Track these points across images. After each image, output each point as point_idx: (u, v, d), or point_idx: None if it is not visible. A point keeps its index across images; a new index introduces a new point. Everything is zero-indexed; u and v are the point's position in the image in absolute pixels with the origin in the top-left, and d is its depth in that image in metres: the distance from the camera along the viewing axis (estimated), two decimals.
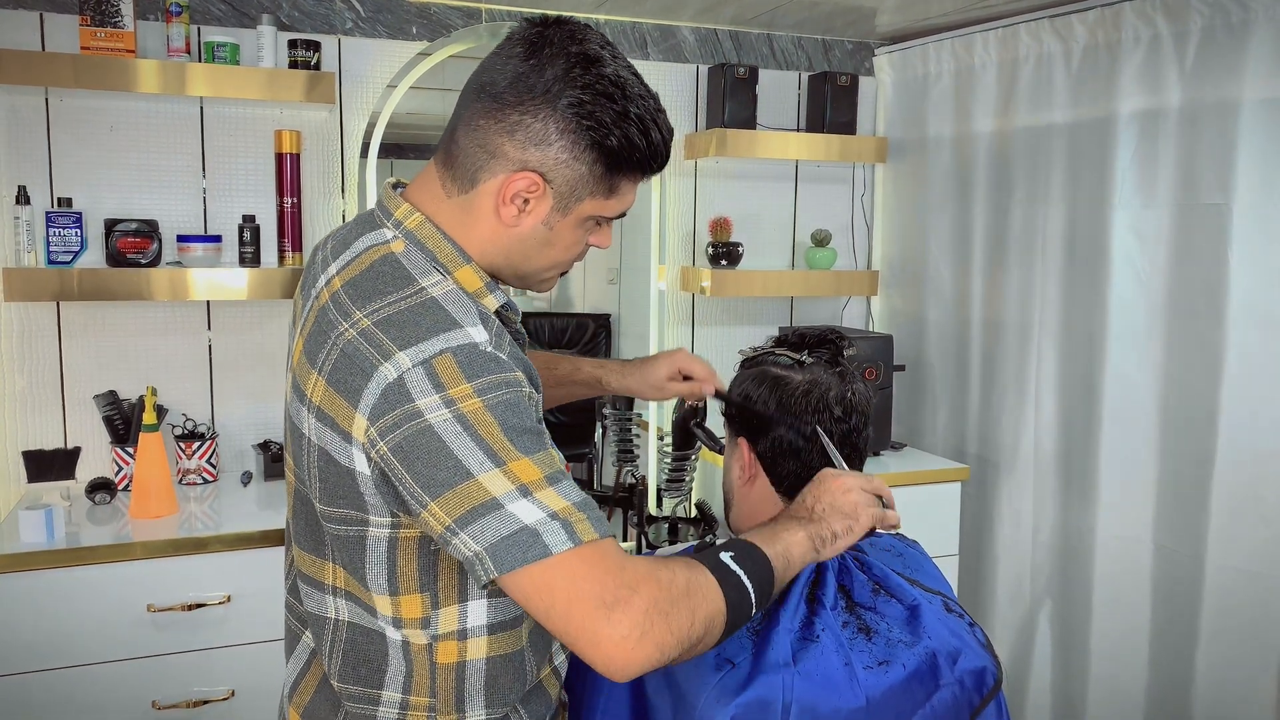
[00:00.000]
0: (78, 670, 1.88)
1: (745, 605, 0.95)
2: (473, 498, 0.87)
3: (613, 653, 0.85)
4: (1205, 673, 2.16)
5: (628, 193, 1.04)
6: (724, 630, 0.93)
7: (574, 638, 0.86)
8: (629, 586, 0.86)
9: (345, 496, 0.96)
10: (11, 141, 2.20)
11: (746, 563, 0.97)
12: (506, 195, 0.99)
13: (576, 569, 0.86)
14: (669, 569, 0.91)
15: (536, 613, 0.88)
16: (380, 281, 0.96)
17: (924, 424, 2.88)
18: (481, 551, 0.86)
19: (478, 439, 0.88)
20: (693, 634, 0.89)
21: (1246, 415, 2.07)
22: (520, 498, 0.87)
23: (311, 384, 0.95)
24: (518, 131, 0.97)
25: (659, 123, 1.00)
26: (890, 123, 2.92)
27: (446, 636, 1.00)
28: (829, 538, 1.08)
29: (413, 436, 0.88)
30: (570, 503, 0.89)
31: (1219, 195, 2.09)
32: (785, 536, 1.04)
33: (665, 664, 0.88)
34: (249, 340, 2.42)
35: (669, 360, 1.43)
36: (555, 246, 1.04)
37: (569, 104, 0.95)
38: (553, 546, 0.86)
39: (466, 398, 0.89)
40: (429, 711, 1.02)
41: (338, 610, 1.03)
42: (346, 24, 2.44)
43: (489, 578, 0.87)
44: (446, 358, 0.90)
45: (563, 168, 0.98)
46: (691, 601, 0.89)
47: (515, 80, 0.97)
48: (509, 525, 0.86)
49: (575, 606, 0.85)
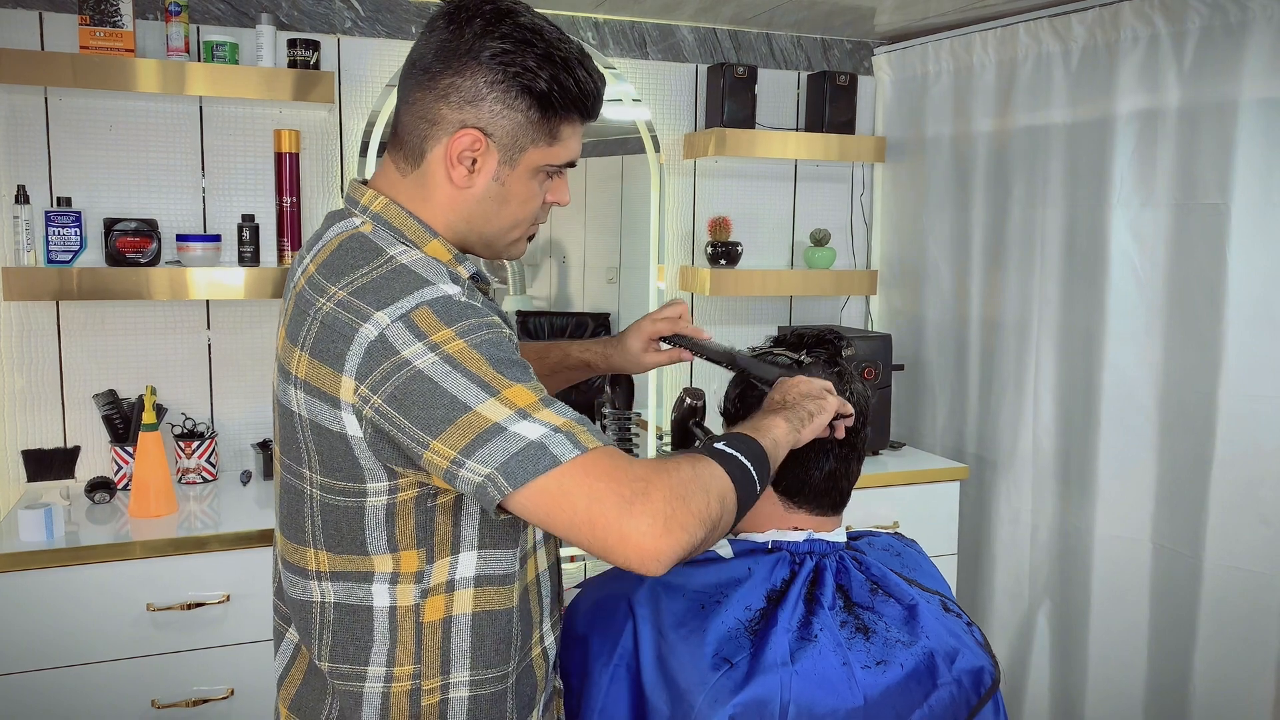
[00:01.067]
0: (77, 669, 1.88)
1: (749, 481, 0.98)
2: (474, 427, 0.89)
3: (643, 544, 0.87)
4: (1203, 671, 2.16)
5: (570, 138, 1.07)
6: (737, 507, 0.96)
7: (601, 539, 0.88)
8: (642, 479, 0.89)
9: (342, 467, 0.99)
10: (11, 141, 2.20)
11: (739, 445, 1.01)
12: (453, 156, 1.02)
13: (589, 472, 0.88)
14: (673, 461, 0.94)
15: (559, 525, 0.89)
16: (351, 257, 1.00)
17: (923, 423, 2.88)
18: (493, 472, 0.89)
19: (469, 374, 0.91)
20: (711, 512, 0.91)
21: (1245, 414, 2.07)
22: (521, 419, 0.90)
23: (295, 360, 0.98)
24: (451, 94, 1.01)
25: (584, 64, 1.04)
26: (889, 122, 2.92)
27: (435, 590, 1.03)
28: (805, 417, 1.12)
29: (404, 384, 0.91)
30: (569, 418, 0.92)
31: (1217, 195, 2.09)
32: (765, 424, 1.08)
33: (695, 548, 0.90)
34: (248, 339, 2.42)
35: (636, 331, 1.44)
36: (511, 202, 1.07)
37: (492, 55, 0.99)
38: (561, 456, 0.88)
39: (449, 340, 0.92)
40: (414, 679, 1.04)
41: (322, 593, 1.05)
42: (346, 23, 2.44)
43: (502, 496, 0.89)
44: (424, 309, 0.93)
45: (500, 119, 1.01)
46: (702, 482, 0.92)
47: (440, 48, 1.01)
48: (515, 443, 0.89)
49: (595, 507, 0.87)
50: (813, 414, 1.13)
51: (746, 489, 0.98)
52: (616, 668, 1.16)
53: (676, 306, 1.44)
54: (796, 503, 1.23)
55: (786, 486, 1.22)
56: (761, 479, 1.01)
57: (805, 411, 1.12)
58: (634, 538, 0.87)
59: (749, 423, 1.09)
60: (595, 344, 1.50)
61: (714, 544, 0.97)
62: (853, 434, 1.23)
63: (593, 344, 1.50)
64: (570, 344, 1.51)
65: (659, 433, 2.71)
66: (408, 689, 1.04)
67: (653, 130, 2.74)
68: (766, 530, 1.23)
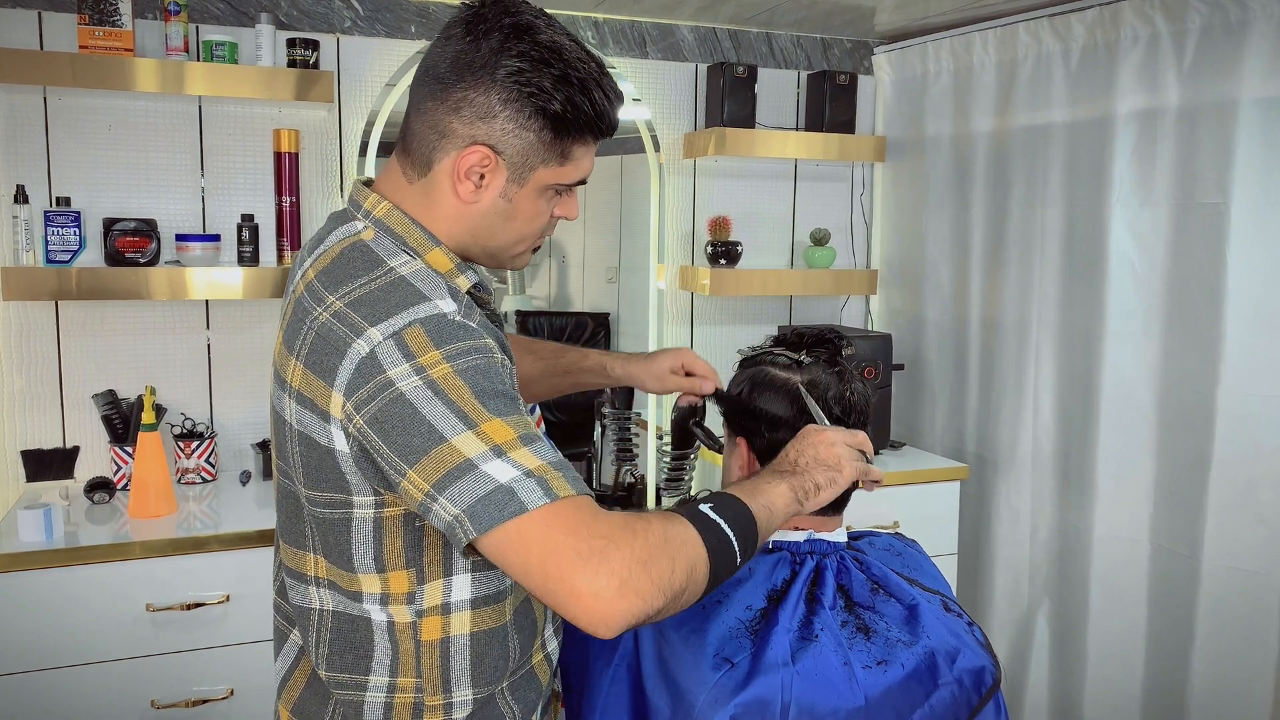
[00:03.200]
0: (77, 670, 1.88)
1: (728, 553, 0.94)
2: (447, 461, 0.87)
3: (594, 605, 0.83)
4: (1202, 671, 2.16)
5: (582, 158, 1.05)
6: (708, 580, 0.92)
7: (552, 592, 0.85)
8: (604, 537, 0.85)
9: (328, 479, 0.97)
10: (10, 140, 2.20)
11: (726, 511, 0.96)
12: (460, 171, 1.00)
13: (552, 523, 0.85)
14: (645, 521, 0.90)
15: (515, 571, 0.87)
16: (351, 266, 0.99)
17: (923, 423, 2.88)
18: (460, 514, 0.86)
19: (449, 403, 0.89)
20: (674, 583, 0.87)
21: (1244, 414, 2.07)
22: (494, 458, 0.87)
23: (290, 369, 0.97)
24: (463, 108, 0.99)
25: (602, 84, 1.01)
26: (889, 122, 2.92)
27: (431, 611, 1.01)
28: (811, 490, 1.07)
29: (386, 406, 0.89)
30: (545, 461, 0.89)
31: (1217, 194, 2.09)
32: (767, 489, 1.03)
33: (649, 616, 0.86)
34: (247, 339, 2.41)
35: (675, 354, 1.44)
36: (518, 219, 1.05)
37: (508, 73, 0.97)
38: (528, 503, 0.85)
39: (436, 364, 0.90)
40: (415, 692, 1.03)
41: (321, 600, 1.04)
42: (345, 23, 2.44)
43: (468, 539, 0.87)
44: (415, 328, 0.92)
45: (511, 138, 0.99)
46: (670, 549, 0.88)
47: (455, 59, 0.99)
48: (484, 485, 0.86)
49: (550, 559, 0.84)
50: (820, 487, 1.07)
51: (724, 560, 0.93)
52: (617, 668, 1.16)
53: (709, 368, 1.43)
54: None
55: None
56: (745, 550, 0.96)
57: (813, 483, 1.07)
58: (585, 598, 0.83)
59: (750, 481, 1.05)
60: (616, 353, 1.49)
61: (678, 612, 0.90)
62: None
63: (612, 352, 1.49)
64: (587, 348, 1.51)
65: (659, 433, 2.71)
66: (410, 701, 1.03)
67: (652, 130, 2.74)
68: None
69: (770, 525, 1.02)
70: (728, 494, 1.00)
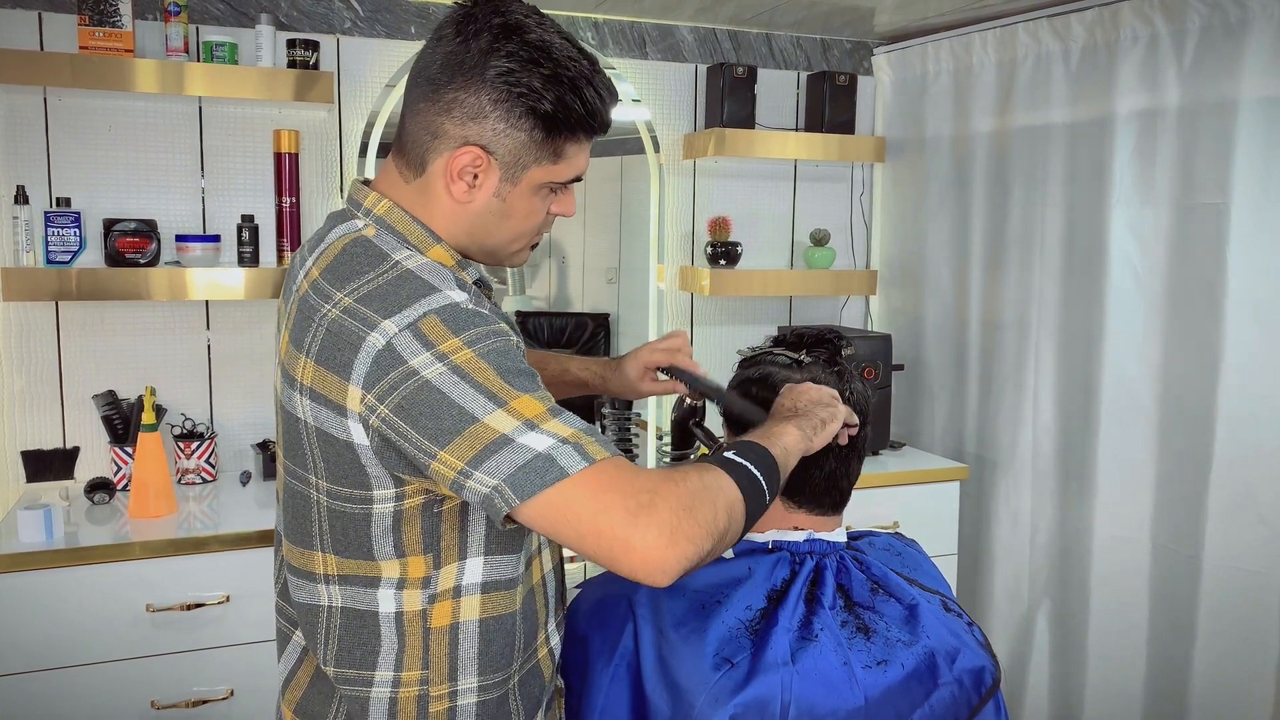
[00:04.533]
0: (77, 670, 1.88)
1: (758, 492, 0.98)
2: (482, 438, 0.89)
3: (650, 555, 0.87)
4: (1203, 672, 2.16)
5: (576, 156, 1.05)
6: (745, 519, 0.96)
7: (608, 550, 0.88)
8: (649, 490, 0.89)
9: (348, 474, 0.98)
10: (10, 141, 2.20)
11: (749, 454, 1.00)
12: (454, 172, 1.01)
13: (596, 484, 0.88)
14: (681, 472, 0.94)
15: (566, 536, 0.90)
16: (355, 262, 0.99)
17: (922, 423, 2.88)
18: (500, 484, 0.88)
19: (476, 385, 0.90)
20: (718, 524, 0.91)
21: (1244, 414, 2.07)
22: (528, 430, 0.90)
23: (301, 367, 0.98)
24: (454, 109, 1.00)
25: (594, 82, 1.01)
26: (889, 122, 2.92)
27: (443, 595, 1.02)
28: (818, 425, 1.12)
29: (412, 394, 0.90)
30: (577, 429, 0.92)
31: (1217, 194, 2.09)
32: (778, 432, 1.07)
33: (701, 559, 0.90)
34: (248, 340, 2.42)
35: (634, 359, 1.43)
36: (513, 217, 1.06)
37: (497, 74, 0.98)
38: (568, 468, 0.88)
39: (457, 350, 0.92)
40: (421, 685, 1.03)
41: (330, 597, 1.05)
42: (345, 24, 2.44)
43: (509, 508, 0.89)
44: (431, 318, 0.93)
45: (502, 138, 1.00)
46: (710, 494, 0.92)
47: (446, 60, 1.00)
48: (523, 455, 0.89)
49: (602, 519, 0.87)
50: (825, 421, 1.12)
51: (756, 499, 0.97)
52: (617, 667, 1.16)
53: (676, 338, 1.42)
54: (797, 502, 1.23)
55: (787, 486, 1.22)
56: (771, 489, 1.00)
57: (817, 419, 1.12)
58: (640, 548, 0.87)
59: (760, 430, 1.08)
60: (594, 364, 1.49)
61: (722, 553, 0.96)
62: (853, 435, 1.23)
63: (591, 363, 1.49)
64: (569, 359, 1.50)
65: (659, 433, 2.71)
66: (415, 695, 1.03)
67: (652, 130, 2.74)
68: (767, 530, 1.23)
69: (788, 463, 1.06)
70: (747, 440, 1.04)
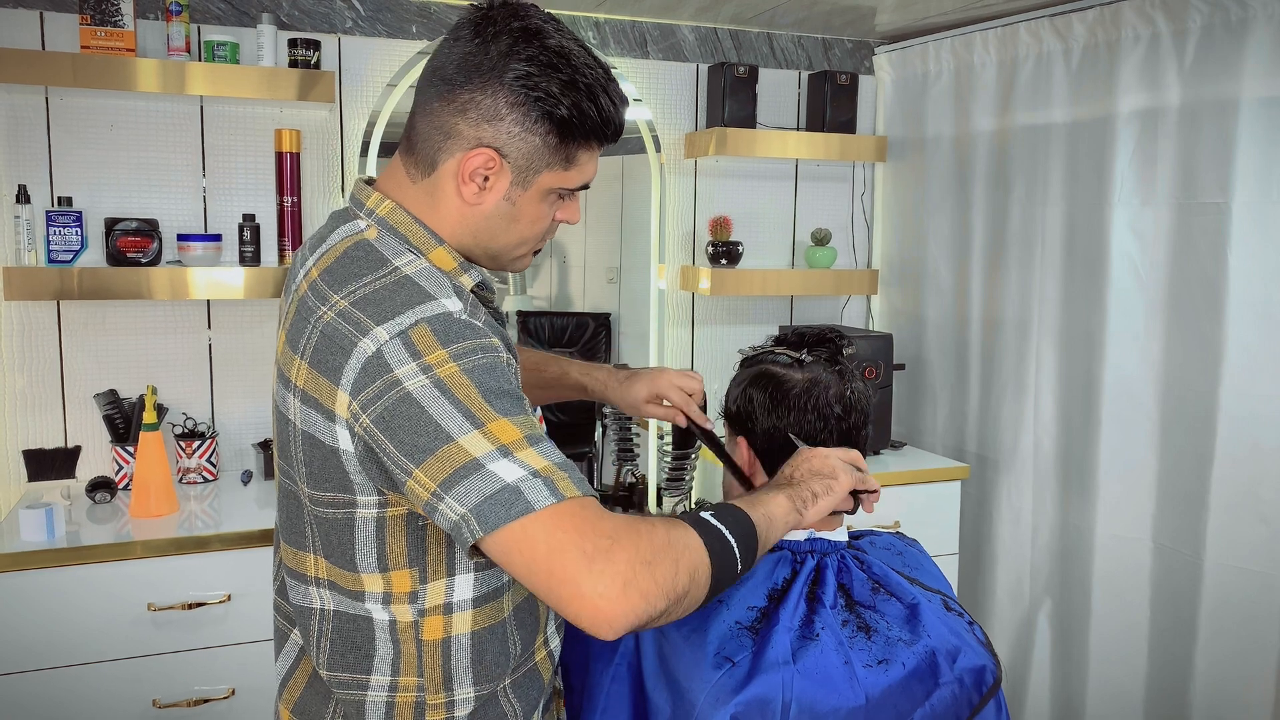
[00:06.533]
0: (78, 669, 1.88)
1: (729, 558, 0.95)
2: (454, 460, 0.87)
3: (599, 605, 0.84)
4: (1204, 671, 2.16)
5: (586, 163, 1.05)
6: (710, 585, 0.93)
7: (557, 592, 0.85)
8: (609, 537, 0.86)
9: (331, 479, 0.97)
10: (11, 140, 2.20)
11: (726, 518, 0.97)
12: (465, 173, 1.01)
13: (558, 523, 0.85)
14: (649, 524, 0.91)
15: (519, 571, 0.87)
16: (355, 265, 0.99)
17: (924, 423, 2.88)
18: (467, 513, 0.87)
19: (455, 402, 0.89)
20: (678, 585, 0.88)
21: (1245, 413, 2.07)
22: (501, 457, 0.87)
23: (295, 369, 0.97)
24: (469, 110, 0.99)
25: (609, 90, 1.01)
26: (890, 121, 2.92)
27: (433, 611, 1.01)
28: (809, 498, 1.09)
29: (393, 405, 0.90)
30: (551, 462, 0.89)
31: (1218, 194, 2.09)
32: (766, 499, 1.05)
33: (652, 618, 0.87)
34: (249, 339, 2.42)
35: (649, 382, 1.41)
36: (520, 221, 1.05)
37: (515, 77, 0.97)
38: (535, 503, 0.85)
39: (443, 363, 0.90)
40: (417, 691, 1.03)
41: (322, 600, 1.04)
42: (346, 23, 2.44)
43: (474, 539, 0.87)
44: (422, 327, 0.92)
45: (517, 141, 0.99)
46: (674, 552, 0.89)
47: (463, 61, 0.99)
48: (491, 484, 0.86)
49: (555, 559, 0.84)
50: (817, 495, 1.09)
51: (726, 565, 0.94)
52: (618, 667, 1.16)
53: (694, 381, 1.41)
54: None
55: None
56: (745, 558, 0.97)
57: (809, 492, 1.09)
58: (590, 596, 0.83)
59: (750, 496, 1.06)
60: (597, 370, 1.47)
61: (679, 617, 0.91)
62: (854, 434, 1.23)
63: (594, 369, 1.47)
64: (570, 363, 1.49)
65: (660, 433, 2.71)
66: (412, 700, 1.03)
67: (653, 130, 2.74)
68: None
69: (770, 534, 1.03)
70: (729, 504, 1.02)
